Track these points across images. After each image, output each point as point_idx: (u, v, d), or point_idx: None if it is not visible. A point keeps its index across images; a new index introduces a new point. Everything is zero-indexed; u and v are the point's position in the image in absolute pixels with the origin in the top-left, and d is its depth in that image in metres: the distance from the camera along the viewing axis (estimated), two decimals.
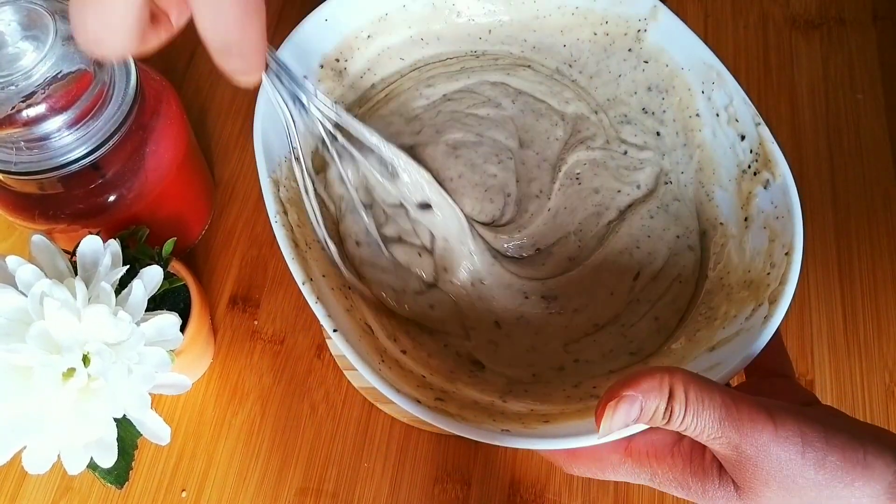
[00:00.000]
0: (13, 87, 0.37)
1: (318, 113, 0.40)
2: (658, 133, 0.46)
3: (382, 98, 0.48)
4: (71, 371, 0.34)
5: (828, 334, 0.51)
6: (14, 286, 0.35)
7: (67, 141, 0.39)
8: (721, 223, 0.42)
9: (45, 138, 0.39)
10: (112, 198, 0.43)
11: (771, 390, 0.34)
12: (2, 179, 0.42)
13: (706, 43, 0.43)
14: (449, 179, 0.43)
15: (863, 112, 0.58)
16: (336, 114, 0.40)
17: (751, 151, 0.41)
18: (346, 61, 0.46)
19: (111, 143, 0.41)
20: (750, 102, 0.41)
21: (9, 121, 0.38)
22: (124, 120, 0.41)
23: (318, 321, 0.36)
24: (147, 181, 0.44)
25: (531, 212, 0.44)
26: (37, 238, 0.37)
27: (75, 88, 0.39)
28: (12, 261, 0.35)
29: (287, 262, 0.37)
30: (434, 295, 0.41)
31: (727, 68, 0.42)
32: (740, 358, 0.34)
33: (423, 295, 0.41)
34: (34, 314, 0.34)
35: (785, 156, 0.39)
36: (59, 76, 0.38)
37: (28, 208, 0.43)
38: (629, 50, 0.46)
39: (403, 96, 0.47)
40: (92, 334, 0.34)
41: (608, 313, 0.41)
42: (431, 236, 0.42)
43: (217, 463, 0.47)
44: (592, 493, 0.46)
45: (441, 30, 0.48)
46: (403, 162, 0.41)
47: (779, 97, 0.59)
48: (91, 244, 0.38)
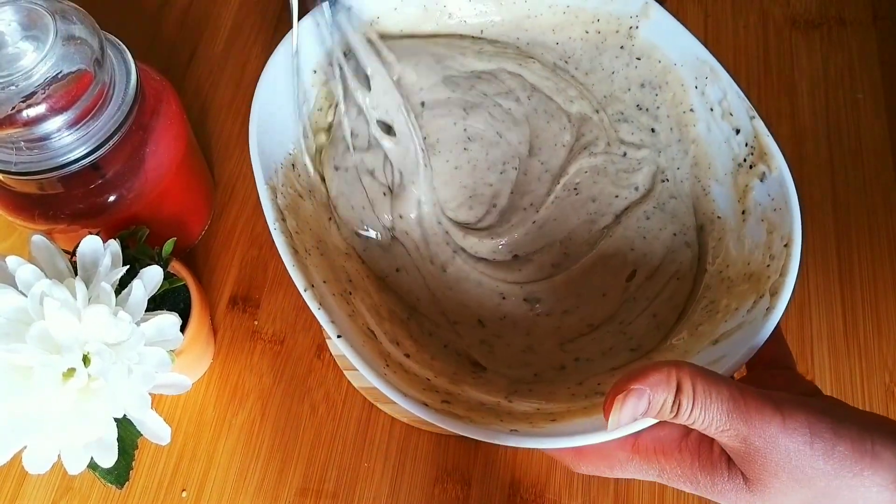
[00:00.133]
0: (13, 87, 0.37)
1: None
2: (653, 130, 0.46)
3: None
4: (71, 371, 0.34)
5: (828, 335, 0.51)
6: (14, 286, 0.35)
7: (67, 141, 0.39)
8: (718, 217, 0.42)
9: (45, 138, 0.39)
10: (112, 198, 0.43)
11: (773, 382, 0.34)
12: (2, 179, 0.42)
13: (699, 39, 0.43)
14: (445, 161, 0.43)
15: (863, 112, 0.58)
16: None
17: (746, 145, 0.41)
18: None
19: (111, 143, 0.41)
20: (744, 96, 0.41)
21: (9, 121, 0.38)
22: (124, 120, 0.41)
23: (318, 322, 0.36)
24: (147, 181, 0.44)
25: (513, 223, 0.44)
26: (37, 238, 0.37)
27: (75, 88, 0.39)
28: (12, 261, 0.35)
29: (287, 270, 0.37)
30: (396, 254, 0.43)
31: (724, 66, 0.42)
32: (744, 350, 0.34)
33: (388, 253, 0.42)
34: (34, 314, 0.34)
35: (784, 155, 0.39)
36: (60, 76, 0.38)
37: (28, 208, 0.43)
38: (621, 47, 0.46)
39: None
40: (92, 334, 0.34)
41: (602, 314, 0.41)
42: (398, 175, 0.43)
43: (217, 463, 0.47)
44: (592, 493, 0.46)
45: (432, 31, 0.48)
46: (382, 77, 0.42)
47: (779, 97, 0.59)
48: (91, 244, 0.38)
